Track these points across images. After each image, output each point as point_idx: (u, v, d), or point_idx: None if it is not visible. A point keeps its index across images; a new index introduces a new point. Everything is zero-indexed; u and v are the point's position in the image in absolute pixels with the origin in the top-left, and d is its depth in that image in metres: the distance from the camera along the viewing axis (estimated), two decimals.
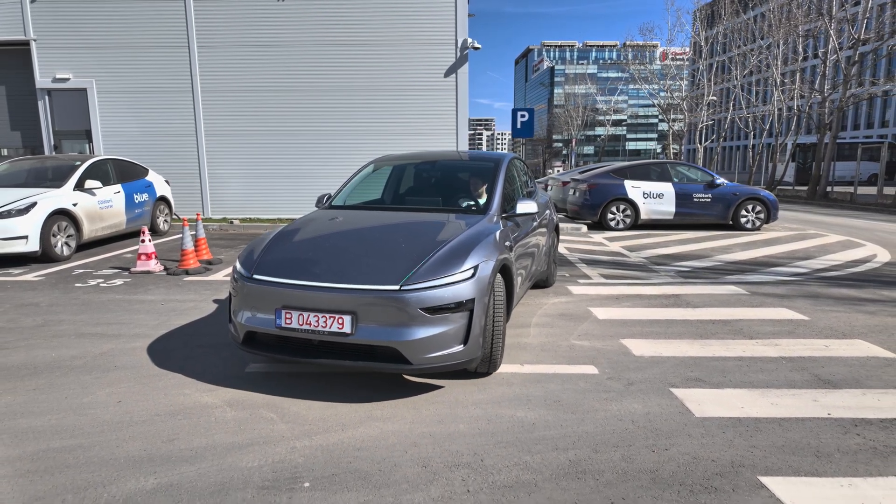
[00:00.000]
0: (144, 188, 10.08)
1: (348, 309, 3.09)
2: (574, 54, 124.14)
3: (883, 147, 19.30)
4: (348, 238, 3.88)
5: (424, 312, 3.06)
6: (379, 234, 3.90)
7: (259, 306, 3.31)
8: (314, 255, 3.55)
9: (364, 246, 3.63)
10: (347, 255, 3.46)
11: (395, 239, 3.71)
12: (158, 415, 3.10)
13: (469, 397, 3.33)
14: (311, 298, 3.15)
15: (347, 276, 3.21)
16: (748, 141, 32.32)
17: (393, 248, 3.52)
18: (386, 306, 3.07)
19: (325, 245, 3.75)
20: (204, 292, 6.04)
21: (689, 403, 3.23)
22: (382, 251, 3.50)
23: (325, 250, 3.61)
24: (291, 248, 3.68)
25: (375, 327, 3.07)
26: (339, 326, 3.08)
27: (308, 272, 3.30)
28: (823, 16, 21.60)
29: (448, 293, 3.13)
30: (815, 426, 2.95)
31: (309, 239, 3.86)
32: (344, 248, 3.62)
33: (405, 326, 3.05)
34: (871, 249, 8.97)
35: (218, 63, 12.50)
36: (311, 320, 3.12)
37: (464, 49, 12.28)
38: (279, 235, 3.90)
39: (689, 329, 4.71)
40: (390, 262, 3.29)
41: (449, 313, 3.12)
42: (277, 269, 3.38)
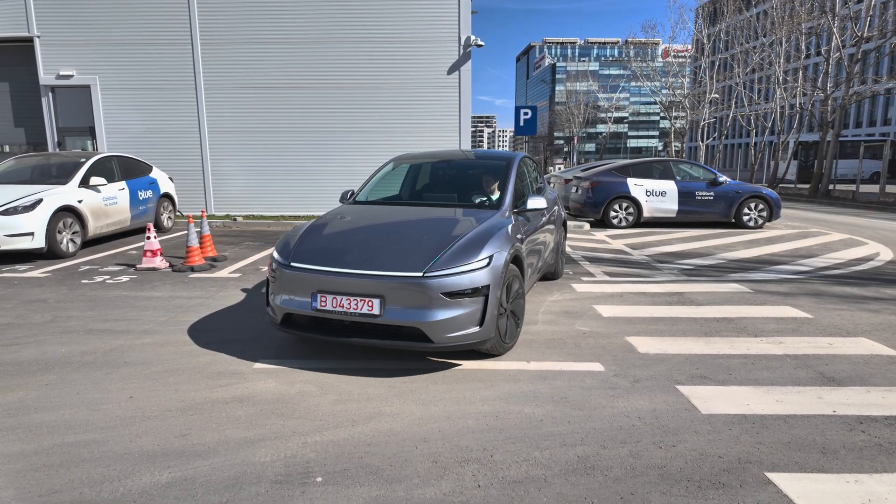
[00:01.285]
0: (148, 185, 10.10)
1: (377, 293, 3.44)
2: (576, 51, 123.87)
3: (885, 145, 19.28)
4: (374, 230, 4.24)
5: (445, 297, 3.41)
6: (402, 226, 4.26)
7: (296, 291, 3.67)
8: (345, 245, 3.93)
9: (389, 237, 3.99)
10: (375, 245, 3.82)
11: (416, 231, 4.07)
12: (170, 410, 3.13)
13: (476, 394, 3.36)
14: (344, 284, 3.52)
15: (376, 264, 3.57)
16: (750, 139, 32.29)
17: (415, 239, 3.86)
18: (411, 291, 3.41)
19: (354, 236, 4.12)
20: (210, 289, 6.07)
21: (695, 400, 3.26)
22: (406, 242, 3.83)
23: (355, 241, 3.99)
24: (324, 239, 4.06)
25: (401, 309, 3.43)
26: (370, 308, 3.45)
27: (340, 260, 3.67)
28: (826, 13, 21.56)
29: (466, 280, 3.48)
30: (820, 423, 2.98)
31: (339, 231, 4.25)
32: (371, 239, 3.99)
33: (428, 309, 3.40)
34: (873, 248, 8.99)
35: (221, 59, 12.51)
36: (343, 303, 3.49)
37: (467, 46, 12.28)
38: (311, 228, 4.25)
39: (694, 327, 4.73)
40: (414, 252, 3.63)
41: (466, 298, 3.48)
42: (313, 258, 3.74)
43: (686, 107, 34.65)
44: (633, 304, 5.48)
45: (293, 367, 3.78)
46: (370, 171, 12.85)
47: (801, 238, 10.15)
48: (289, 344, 4.26)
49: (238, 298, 5.67)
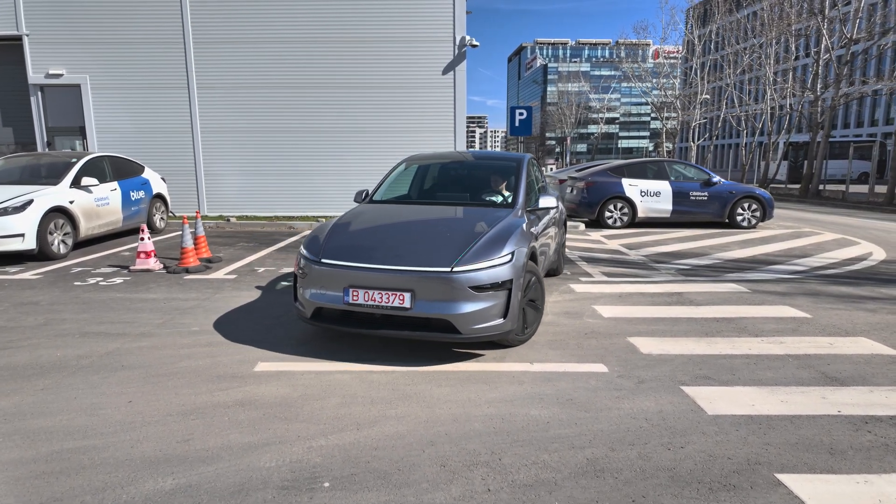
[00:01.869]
0: (141, 185, 9.99)
1: (408, 287, 3.62)
2: (567, 52, 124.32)
3: (874, 146, 19.51)
4: (399, 228, 4.46)
5: (472, 290, 3.61)
6: (425, 224, 4.47)
7: (327, 286, 3.84)
8: (373, 242, 4.11)
9: (414, 234, 4.22)
10: (402, 242, 4.02)
11: (439, 228, 4.30)
12: (171, 415, 3.08)
13: (481, 396, 3.33)
14: (376, 278, 3.68)
15: (406, 260, 3.74)
16: (740, 139, 32.53)
17: (440, 236, 4.07)
18: (440, 285, 3.60)
19: (381, 234, 4.31)
20: (206, 291, 6.00)
21: (701, 401, 3.26)
22: (432, 239, 4.04)
23: (382, 238, 4.17)
24: (352, 237, 4.23)
25: (430, 303, 3.61)
26: (401, 302, 3.62)
27: (371, 257, 3.83)
28: (816, 15, 21.78)
29: (491, 274, 3.69)
30: (826, 423, 2.99)
31: (365, 228, 4.43)
32: (397, 236, 4.20)
33: (456, 302, 3.59)
34: (866, 247, 9.07)
35: (214, 59, 12.40)
36: (375, 297, 3.66)
37: (462, 46, 12.26)
38: (337, 227, 4.41)
39: (695, 327, 4.74)
40: (441, 248, 3.83)
41: (492, 291, 3.68)
42: (343, 254, 3.91)
43: (677, 107, 34.87)
44: (633, 305, 5.48)
45: (294, 370, 3.73)
46: (365, 172, 12.83)
47: (795, 238, 10.22)
48: (289, 346, 4.21)
49: (235, 300, 5.60)
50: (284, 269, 7.22)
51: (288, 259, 7.94)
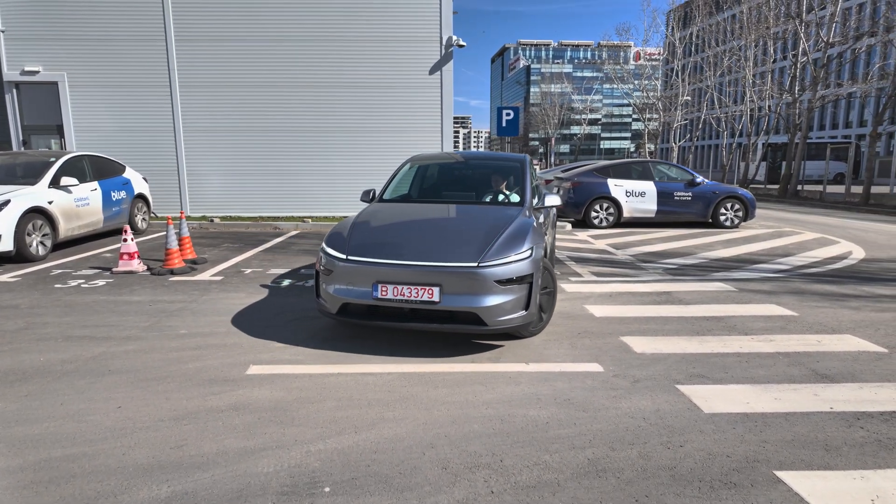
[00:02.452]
0: (122, 185, 9.78)
1: (436, 282, 3.77)
2: (549, 53, 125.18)
3: (850, 147, 19.98)
4: (420, 225, 4.59)
5: (497, 284, 3.78)
6: (443, 221, 4.65)
7: (354, 282, 3.94)
8: (397, 239, 4.21)
9: (437, 231, 4.36)
10: (426, 239, 4.16)
11: (458, 226, 4.52)
12: (162, 420, 3.00)
13: (479, 397, 3.31)
14: (404, 274, 3.82)
15: (432, 256, 3.89)
16: (721, 140, 33.05)
17: (461, 233, 4.27)
18: (467, 279, 3.77)
19: (404, 231, 4.44)
20: (192, 293, 5.88)
21: (697, 399, 3.28)
22: (454, 236, 4.22)
23: (406, 235, 4.29)
24: (375, 234, 4.34)
25: (458, 296, 3.77)
26: (430, 296, 3.76)
27: (398, 253, 3.96)
28: (794, 18, 22.23)
29: (514, 269, 3.86)
30: (819, 420, 3.03)
31: (386, 226, 4.55)
32: (420, 233, 4.34)
33: (482, 295, 3.77)
34: (845, 246, 9.27)
35: (197, 57, 12.20)
36: (404, 291, 3.79)
37: (449, 46, 12.25)
38: (358, 225, 4.48)
39: (685, 326, 4.78)
40: (465, 245, 4.00)
41: (515, 285, 3.85)
42: (370, 251, 4.03)
43: (659, 109, 35.31)
44: (624, 304, 5.51)
45: (288, 373, 3.67)
46: (352, 172, 12.74)
47: (777, 237, 10.41)
48: (281, 349, 4.14)
49: (223, 302, 5.50)
50: (272, 269, 7.12)
51: (275, 260, 7.84)
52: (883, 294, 5.93)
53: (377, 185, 12.18)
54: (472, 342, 4.28)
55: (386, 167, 12.52)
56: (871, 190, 17.83)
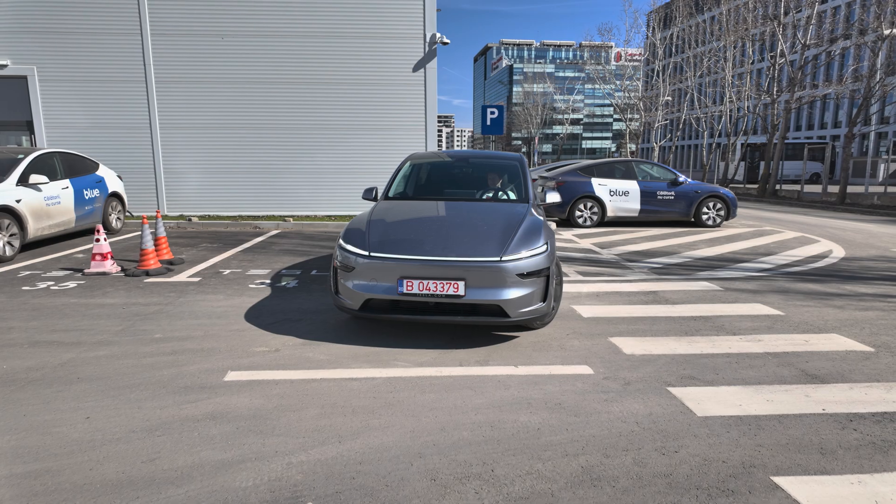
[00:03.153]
0: (95, 184, 9.46)
1: (461, 276, 3.87)
2: (532, 53, 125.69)
3: (827, 148, 20.35)
4: (436, 222, 4.64)
5: (519, 277, 3.92)
6: (458, 218, 4.74)
7: (378, 278, 3.98)
8: (417, 235, 4.30)
9: (454, 228, 4.43)
10: (446, 234, 4.24)
11: (474, 222, 4.56)
12: (134, 431, 2.84)
13: (468, 402, 3.21)
14: (430, 269, 3.90)
15: (456, 251, 4.00)
16: (701, 140, 33.45)
17: (478, 228, 4.37)
18: (491, 273, 3.89)
19: (422, 227, 4.50)
20: (168, 295, 5.68)
21: (689, 402, 3.22)
22: (473, 231, 4.31)
23: (425, 232, 4.36)
24: (395, 231, 4.40)
25: (482, 289, 3.88)
26: (455, 290, 3.85)
27: (421, 249, 4.04)
28: (772, 20, 22.56)
29: (533, 263, 4.02)
30: (812, 422, 2.99)
31: (403, 223, 4.64)
32: (439, 229, 4.39)
33: (505, 288, 3.90)
34: (825, 245, 9.38)
35: (174, 52, 11.88)
36: (430, 286, 3.87)
37: (432, 44, 12.12)
38: (375, 222, 4.51)
39: (674, 326, 4.74)
40: (486, 240, 4.12)
41: (534, 278, 4.00)
42: (393, 248, 4.08)
43: (640, 109, 35.62)
44: (611, 304, 5.46)
45: (268, 379, 3.52)
46: (335, 170, 12.53)
47: (758, 236, 10.50)
48: (262, 353, 3.99)
49: (200, 304, 5.31)
50: (252, 270, 6.93)
51: (255, 260, 7.64)
52: (865, 293, 5.98)
53: (362, 184, 12.01)
54: (458, 345, 4.18)
55: (370, 165, 12.38)
56: (847, 189, 18.18)
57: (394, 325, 4.68)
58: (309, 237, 10.01)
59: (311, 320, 4.82)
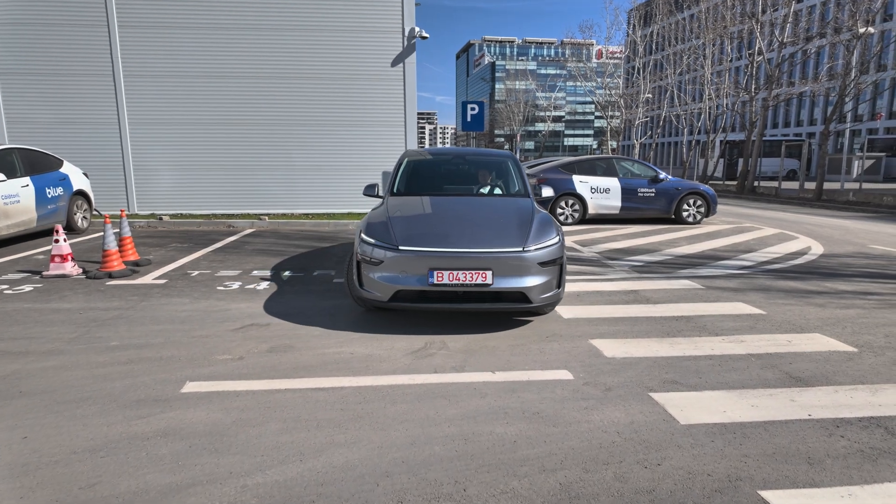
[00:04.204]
0: (58, 181, 9.06)
1: (488, 266, 4.14)
2: (514, 50, 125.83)
3: (804, 145, 20.59)
4: (455, 216, 4.82)
5: (539, 266, 4.25)
6: (473, 212, 4.97)
7: (408, 270, 4.18)
8: (441, 229, 4.49)
9: (476, 221, 4.69)
10: (469, 228, 4.51)
11: (491, 216, 4.86)
12: (76, 452, 2.60)
13: (441, 413, 3.03)
14: (459, 260, 4.14)
15: (482, 243, 4.27)
16: (681, 137, 33.70)
17: (495, 221, 4.70)
18: (515, 263, 4.20)
19: (443, 222, 4.67)
20: (131, 298, 5.40)
21: (672, 409, 3.08)
22: (493, 225, 4.62)
23: (448, 225, 4.57)
24: (418, 226, 4.59)
25: (507, 278, 4.17)
26: (483, 279, 4.12)
27: (448, 242, 4.26)
28: (750, 18, 22.75)
29: (550, 252, 4.35)
30: (799, 429, 2.87)
31: (421, 217, 4.85)
32: (460, 223, 4.62)
33: (528, 276, 4.22)
34: (804, 242, 9.41)
35: (143, 45, 11.46)
36: (459, 276, 4.11)
37: (411, 38, 11.89)
38: (395, 218, 4.65)
39: (655, 327, 4.62)
40: (507, 233, 4.43)
41: (551, 266, 4.33)
42: (421, 241, 4.28)
43: (621, 106, 35.78)
44: (592, 304, 5.33)
45: (229, 390, 3.30)
46: (311, 167, 12.23)
47: (738, 233, 10.51)
48: (225, 362, 3.76)
49: (164, 309, 5.05)
50: (222, 271, 6.66)
51: (226, 261, 7.36)
52: (845, 290, 5.95)
53: (340, 181, 11.76)
54: (434, 349, 4.00)
55: (348, 162, 12.12)
56: (824, 186, 18.41)
57: (368, 328, 4.48)
58: (284, 236, 9.73)
59: (279, 325, 4.59)
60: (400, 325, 4.59)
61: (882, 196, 16.62)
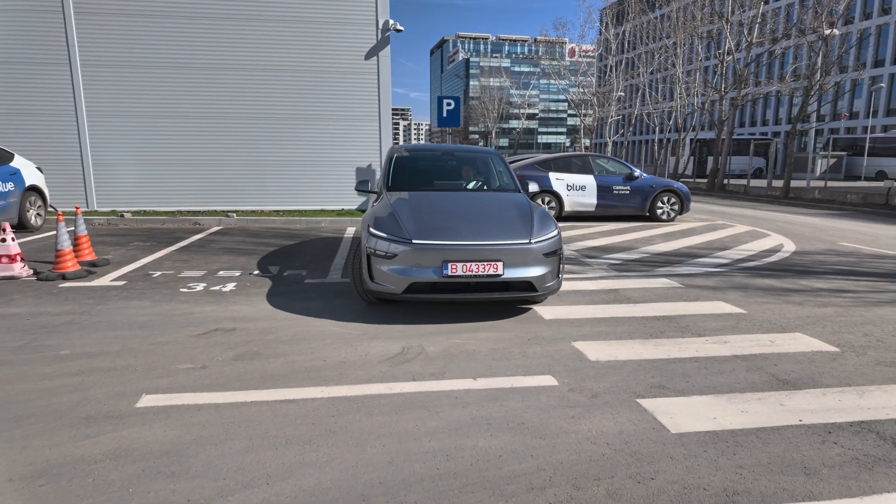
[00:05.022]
0: (9, 176, 8.52)
1: (499, 258, 4.38)
2: (488, 47, 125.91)
3: (772, 144, 21.04)
4: (460, 211, 5.04)
5: (543, 257, 4.55)
6: (477, 207, 5.21)
7: (423, 263, 4.33)
8: (450, 223, 4.67)
9: (480, 216, 4.93)
10: (477, 222, 4.75)
11: (493, 210, 5.08)
12: (11, 480, 2.32)
13: (421, 426, 2.84)
14: (472, 253, 4.35)
15: (492, 236, 4.52)
16: (652, 136, 34.13)
17: (499, 215, 4.94)
18: (523, 254, 4.47)
19: (451, 216, 4.85)
20: (85, 302, 5.04)
21: (661, 416, 2.96)
22: (499, 218, 4.87)
23: (456, 220, 4.77)
24: (427, 220, 4.71)
25: (516, 268, 4.43)
26: (494, 270, 4.36)
27: (459, 235, 4.47)
28: (720, 18, 23.12)
29: (552, 244, 4.65)
30: (791, 436, 2.78)
31: (427, 212, 4.91)
32: (466, 217, 4.86)
33: (534, 266, 4.50)
34: (776, 239, 9.52)
35: (102, 32, 10.89)
36: (472, 268, 4.32)
37: (385, 31, 11.61)
38: (402, 213, 4.78)
39: (637, 327, 4.52)
40: (513, 226, 4.71)
41: (552, 257, 4.62)
42: (434, 235, 4.44)
43: (594, 104, 36.06)
44: (573, 304, 5.21)
45: (189, 403, 3.04)
46: (282, 163, 11.85)
47: (712, 231, 10.58)
48: (186, 371, 3.49)
49: (121, 313, 4.72)
50: (186, 272, 6.32)
51: (191, 260, 7.00)
52: (821, 288, 5.97)
53: (311, 178, 11.46)
54: (412, 354, 3.80)
55: (320, 157, 11.79)
56: (791, 184, 18.83)
57: (343, 333, 4.26)
58: (253, 234, 9.38)
59: (246, 330, 4.32)
60: (376, 329, 4.38)
61: (846, 194, 17.08)
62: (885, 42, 36.34)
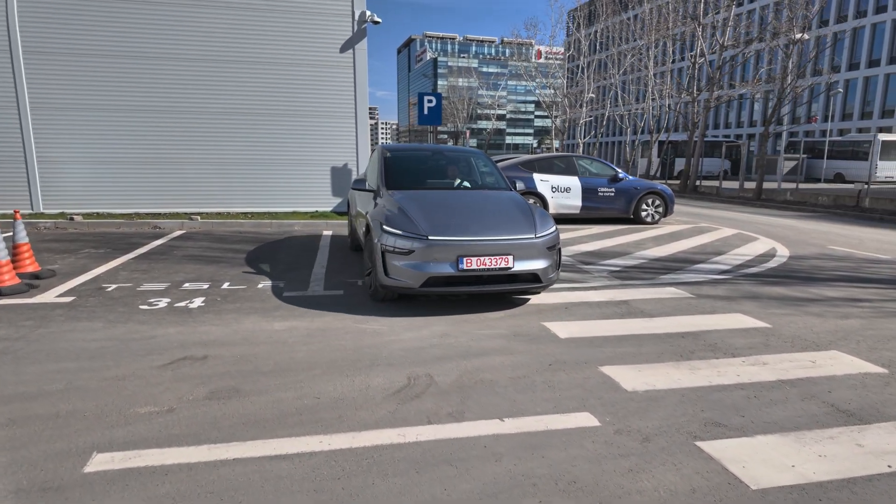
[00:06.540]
0: None
1: (509, 252, 4.67)
2: (456, 47, 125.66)
3: (743, 146, 21.28)
4: (466, 208, 5.26)
5: (547, 250, 4.87)
6: (481, 204, 5.43)
7: (439, 258, 4.55)
8: (460, 220, 4.90)
9: (486, 212, 5.17)
10: (486, 218, 5.01)
11: (496, 208, 5.32)
12: None
13: (451, 490, 2.29)
14: (485, 247, 4.62)
15: (502, 231, 4.80)
16: (625, 137, 34.37)
17: (505, 213, 5.17)
18: (531, 248, 4.78)
19: (460, 213, 5.06)
20: (23, 324, 4.28)
21: (731, 466, 2.50)
22: (503, 215, 5.11)
23: (464, 216, 4.99)
24: (439, 217, 4.88)
25: (524, 261, 4.72)
26: (506, 263, 4.64)
27: (471, 231, 4.73)
28: (692, 20, 23.29)
29: (553, 238, 4.99)
30: (887, 488, 2.36)
31: (436, 209, 5.05)
32: (474, 214, 5.09)
33: (539, 259, 4.81)
34: (767, 243, 9.34)
35: (47, 17, 9.89)
36: (485, 262, 4.59)
37: (362, 22, 10.97)
38: (412, 210, 4.93)
39: (664, 347, 4.09)
40: (520, 221, 4.99)
41: (553, 251, 4.96)
42: (448, 232, 4.67)
43: (564, 105, 36.09)
44: (585, 319, 4.75)
45: (154, 464, 2.41)
46: (251, 161, 11.05)
47: (699, 234, 10.36)
48: (150, 417, 2.84)
49: (68, 337, 4.00)
50: (146, 284, 5.59)
51: (152, 270, 6.24)
52: (834, 297, 5.70)
53: (283, 177, 10.70)
54: (419, 388, 3.24)
55: (291, 156, 11.04)
56: (763, 185, 19.04)
57: (334, 358, 3.66)
58: (220, 239, 8.61)
59: (220, 358, 3.68)
60: (373, 353, 3.80)
61: (817, 196, 17.33)
62: (841, 50, 37.69)
